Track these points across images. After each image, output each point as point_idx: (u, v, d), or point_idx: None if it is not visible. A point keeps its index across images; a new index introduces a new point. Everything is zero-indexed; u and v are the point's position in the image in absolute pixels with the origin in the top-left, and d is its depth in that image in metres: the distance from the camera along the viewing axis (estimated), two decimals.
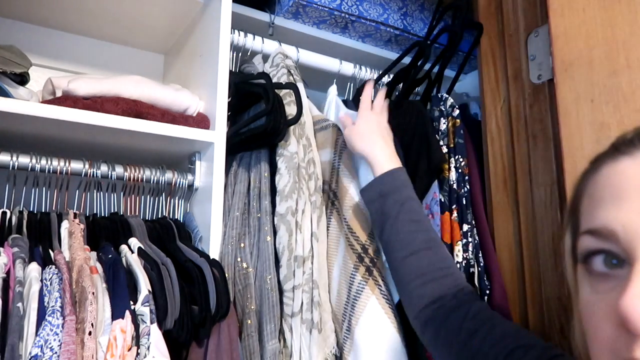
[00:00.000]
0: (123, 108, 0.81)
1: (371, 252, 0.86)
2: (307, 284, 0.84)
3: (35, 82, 0.95)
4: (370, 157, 0.88)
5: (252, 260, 0.85)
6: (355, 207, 0.90)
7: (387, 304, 0.83)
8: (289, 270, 0.83)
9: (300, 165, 0.90)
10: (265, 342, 0.79)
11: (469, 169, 1.05)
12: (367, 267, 0.85)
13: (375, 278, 0.84)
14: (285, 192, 0.87)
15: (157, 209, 0.94)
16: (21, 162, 0.78)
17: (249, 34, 1.04)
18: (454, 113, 1.06)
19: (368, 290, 0.83)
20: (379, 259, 0.86)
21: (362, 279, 0.84)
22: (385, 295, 0.83)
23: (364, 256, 0.86)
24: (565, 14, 0.84)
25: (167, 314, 0.68)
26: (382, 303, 0.82)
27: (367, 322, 0.81)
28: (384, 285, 0.84)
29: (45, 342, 0.57)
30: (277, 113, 0.87)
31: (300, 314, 0.82)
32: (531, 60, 0.97)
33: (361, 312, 0.82)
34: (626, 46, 0.76)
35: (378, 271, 0.85)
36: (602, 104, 0.77)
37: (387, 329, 0.81)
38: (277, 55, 1.03)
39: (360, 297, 0.83)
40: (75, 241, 0.73)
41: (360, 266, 0.85)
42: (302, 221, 0.87)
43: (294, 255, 0.84)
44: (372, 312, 0.82)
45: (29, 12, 1.02)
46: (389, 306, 0.83)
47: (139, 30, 1.11)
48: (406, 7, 1.25)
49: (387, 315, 0.82)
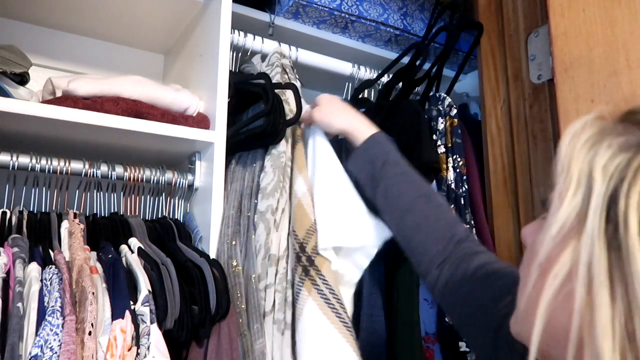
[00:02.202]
0: (123, 108, 0.81)
1: (309, 250, 0.82)
2: (280, 284, 0.81)
3: (35, 82, 0.95)
4: (351, 129, 0.88)
5: (241, 259, 0.84)
6: (297, 203, 0.87)
7: (325, 304, 0.77)
8: (263, 269, 0.82)
9: (286, 164, 0.89)
10: (253, 342, 0.77)
11: (469, 169, 1.05)
12: (303, 266, 0.81)
13: (312, 278, 0.79)
14: (267, 190, 0.86)
15: (157, 209, 0.94)
16: (21, 162, 0.77)
17: (249, 34, 1.04)
18: (451, 112, 1.06)
19: (305, 292, 0.79)
20: (317, 256, 0.81)
21: (300, 280, 0.80)
22: (324, 294, 0.78)
23: (301, 255, 0.82)
24: (566, 14, 0.84)
25: (167, 314, 0.67)
26: (320, 303, 0.77)
27: (305, 326, 0.77)
28: (323, 284, 0.79)
29: (45, 342, 0.57)
30: (276, 113, 0.87)
31: (272, 313, 0.80)
32: (531, 60, 0.97)
33: (299, 315, 0.78)
34: (626, 46, 0.76)
35: (315, 270, 0.80)
36: (602, 104, 0.77)
37: (326, 331, 0.76)
38: (273, 55, 1.03)
39: (298, 299, 0.79)
40: (75, 241, 0.73)
41: (298, 266, 0.82)
42: (280, 220, 0.85)
43: (268, 254, 0.83)
44: (309, 314, 0.77)
45: (29, 12, 1.02)
46: (328, 306, 0.77)
47: (139, 30, 1.11)
48: (406, 7, 1.25)
49: (326, 315, 0.77)
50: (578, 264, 0.36)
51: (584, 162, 0.38)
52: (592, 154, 0.38)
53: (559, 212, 0.38)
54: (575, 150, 0.40)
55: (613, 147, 0.38)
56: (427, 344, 0.99)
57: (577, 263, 0.36)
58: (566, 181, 0.39)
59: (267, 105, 0.87)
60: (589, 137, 0.40)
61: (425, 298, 1.00)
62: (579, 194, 0.38)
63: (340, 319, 0.77)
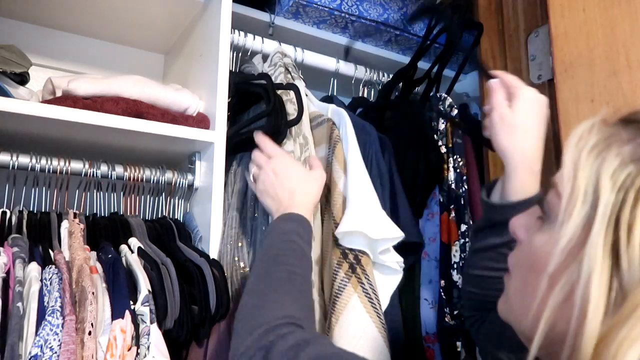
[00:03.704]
0: (123, 108, 0.81)
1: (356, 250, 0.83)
2: None
3: (35, 82, 0.95)
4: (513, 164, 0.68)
5: (249, 260, 0.84)
6: (342, 202, 0.87)
7: (369, 302, 0.80)
8: None
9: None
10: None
11: (468, 169, 1.05)
12: (350, 263, 0.82)
13: (359, 276, 0.81)
14: None
15: (157, 209, 0.94)
16: (21, 162, 0.78)
17: (249, 34, 1.04)
18: (452, 113, 1.06)
19: (350, 288, 0.80)
20: (363, 256, 0.83)
21: (345, 276, 0.81)
22: (368, 294, 0.80)
23: (348, 252, 0.82)
24: (566, 14, 0.84)
25: (167, 314, 0.67)
26: (364, 302, 0.79)
27: (348, 321, 0.78)
28: (368, 284, 0.81)
29: (45, 341, 0.57)
30: (277, 114, 0.87)
31: None
32: (531, 60, 0.97)
33: (342, 310, 0.79)
34: (626, 46, 0.76)
35: (362, 269, 0.82)
36: (602, 104, 0.77)
37: (369, 328, 0.77)
38: (275, 54, 1.03)
39: (341, 295, 0.80)
40: (75, 241, 0.73)
41: (344, 263, 0.82)
42: None
43: None
44: (354, 311, 0.78)
45: (29, 12, 1.02)
46: (371, 305, 0.80)
47: (139, 30, 1.11)
48: (406, 7, 1.25)
49: (369, 314, 0.78)
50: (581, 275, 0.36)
51: (591, 171, 0.38)
52: (600, 162, 0.38)
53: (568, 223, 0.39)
54: (582, 156, 0.39)
55: (621, 157, 0.38)
56: (428, 344, 0.99)
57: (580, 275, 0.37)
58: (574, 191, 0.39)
59: (269, 106, 0.86)
60: (595, 143, 0.39)
61: (426, 298, 1.00)
62: (587, 205, 0.38)
63: (379, 318, 0.79)
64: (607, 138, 0.39)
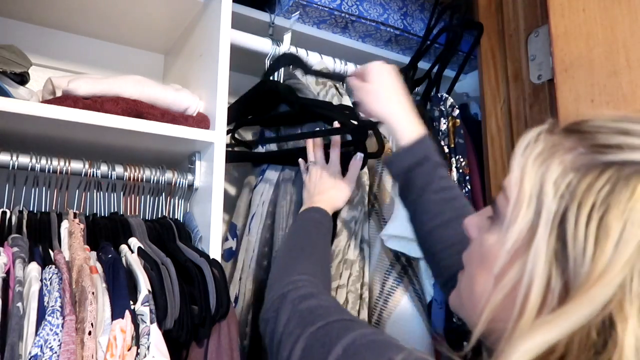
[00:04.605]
0: (123, 108, 0.81)
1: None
2: (353, 285, 0.90)
3: (35, 82, 0.95)
4: (390, 121, 0.78)
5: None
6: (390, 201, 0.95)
7: (419, 302, 0.89)
8: (337, 271, 0.90)
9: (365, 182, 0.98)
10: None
11: (470, 169, 1.05)
12: (403, 266, 0.91)
13: (410, 277, 0.90)
14: (353, 202, 0.95)
15: (157, 209, 0.94)
16: (21, 162, 0.77)
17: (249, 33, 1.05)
18: (454, 113, 1.06)
19: (402, 287, 0.89)
20: (415, 260, 0.92)
21: (398, 276, 0.90)
22: (419, 294, 0.90)
23: (400, 256, 0.91)
24: (566, 14, 0.85)
25: (167, 314, 0.67)
26: (415, 302, 0.88)
27: (400, 318, 0.87)
28: (418, 285, 0.90)
29: (45, 341, 0.57)
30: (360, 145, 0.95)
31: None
32: (531, 60, 0.97)
33: (394, 307, 0.88)
34: (626, 46, 0.76)
35: (413, 271, 0.91)
36: (602, 104, 0.77)
37: (418, 326, 0.87)
38: None
39: (394, 293, 0.89)
40: (75, 241, 0.73)
41: (397, 264, 0.91)
42: (358, 229, 0.94)
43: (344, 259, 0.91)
44: (405, 308, 0.88)
45: (29, 12, 1.02)
46: (421, 305, 0.89)
47: (139, 30, 1.11)
48: (406, 7, 1.25)
49: (418, 312, 0.87)
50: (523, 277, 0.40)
51: (536, 177, 0.41)
52: (544, 169, 0.41)
53: (513, 227, 0.42)
54: (528, 163, 0.42)
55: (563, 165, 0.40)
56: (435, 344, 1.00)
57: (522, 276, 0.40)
58: (520, 196, 0.42)
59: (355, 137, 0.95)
60: (540, 151, 0.42)
61: (435, 298, 1.00)
62: (531, 210, 0.41)
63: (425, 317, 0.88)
64: (552, 147, 0.42)
